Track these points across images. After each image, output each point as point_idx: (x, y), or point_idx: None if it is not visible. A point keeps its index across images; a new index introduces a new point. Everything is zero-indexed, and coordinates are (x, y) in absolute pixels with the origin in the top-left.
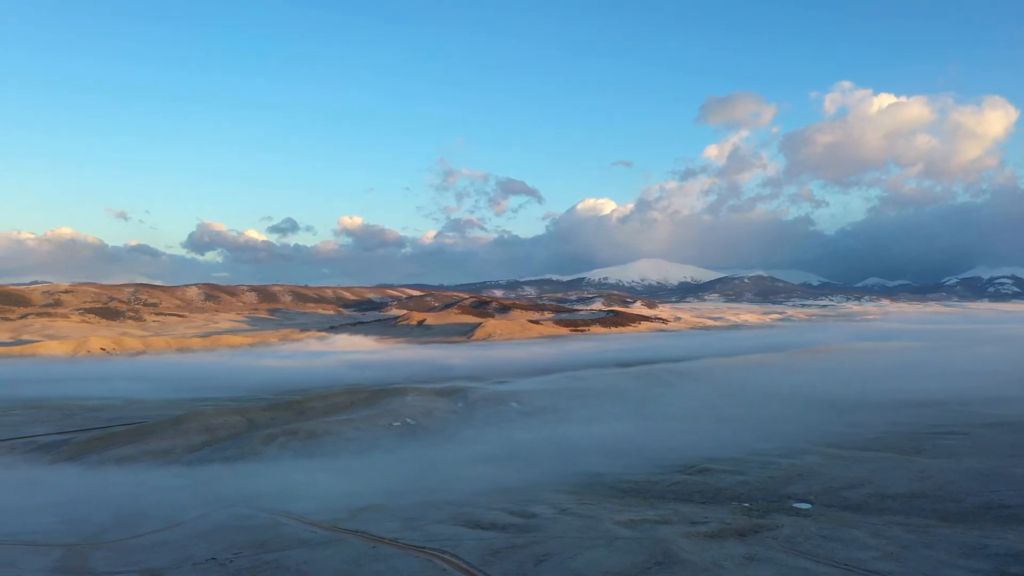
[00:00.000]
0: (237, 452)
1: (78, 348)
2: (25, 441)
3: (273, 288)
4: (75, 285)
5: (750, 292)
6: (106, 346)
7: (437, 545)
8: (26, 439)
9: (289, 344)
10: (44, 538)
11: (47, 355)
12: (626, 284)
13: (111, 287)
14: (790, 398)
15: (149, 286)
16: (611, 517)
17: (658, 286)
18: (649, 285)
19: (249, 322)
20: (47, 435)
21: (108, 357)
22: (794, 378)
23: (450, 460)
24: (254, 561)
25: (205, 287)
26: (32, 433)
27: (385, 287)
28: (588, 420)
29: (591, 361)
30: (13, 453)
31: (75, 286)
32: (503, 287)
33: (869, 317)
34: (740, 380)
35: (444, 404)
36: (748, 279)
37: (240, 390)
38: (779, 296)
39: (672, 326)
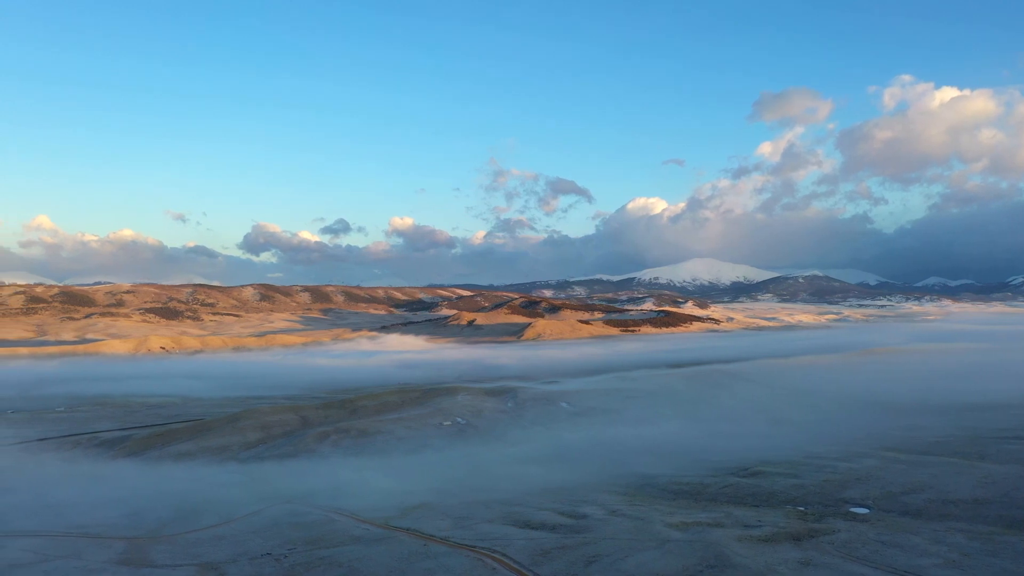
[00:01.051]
0: (291, 449)
1: (139, 347)
2: (89, 437)
3: (326, 288)
4: (136, 286)
5: (805, 292)
6: (165, 345)
7: (487, 544)
8: (90, 435)
9: (341, 344)
10: (107, 531)
11: (110, 353)
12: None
13: (170, 287)
14: (846, 400)
15: (206, 286)
16: (662, 519)
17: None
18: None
19: (303, 322)
20: (110, 431)
21: (167, 356)
22: (850, 380)
23: (499, 459)
24: (308, 557)
25: (260, 287)
26: (96, 429)
27: (435, 287)
28: (638, 421)
29: (641, 362)
30: (78, 448)
31: (136, 286)
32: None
33: (929, 318)
34: (794, 382)
35: (494, 403)
36: (803, 279)
37: (294, 388)
38: (835, 296)
39: (724, 327)
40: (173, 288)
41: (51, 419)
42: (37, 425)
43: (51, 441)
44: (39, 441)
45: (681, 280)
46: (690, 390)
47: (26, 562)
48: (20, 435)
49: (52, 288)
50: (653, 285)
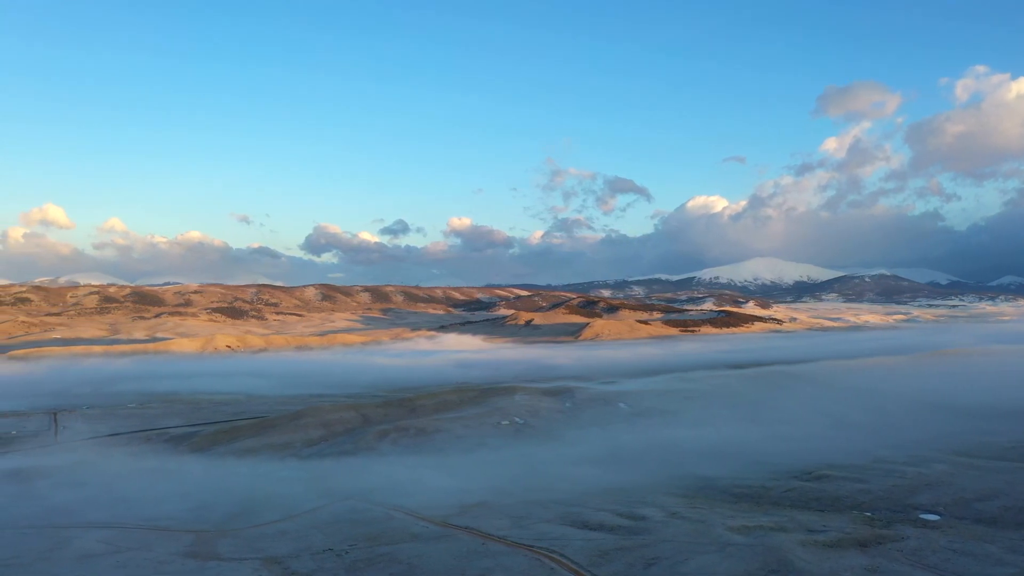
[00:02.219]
0: (351, 447)
1: (206, 345)
2: (159, 433)
3: (385, 288)
4: (203, 286)
5: (872, 292)
6: (231, 344)
7: (545, 544)
8: (160, 431)
9: (400, 343)
10: (176, 524)
11: (178, 352)
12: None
13: (235, 288)
14: (915, 403)
15: (270, 287)
16: (723, 522)
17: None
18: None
19: (363, 321)
20: (178, 427)
21: (232, 354)
22: (919, 382)
23: (556, 459)
24: (368, 553)
25: (322, 287)
26: (165, 425)
27: (493, 287)
28: (697, 422)
29: (701, 362)
30: (149, 443)
31: (203, 287)
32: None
33: (1004, 318)
34: (860, 384)
35: (552, 403)
36: (869, 278)
37: (354, 387)
38: (903, 296)
39: (787, 327)
40: (238, 288)
41: (123, 415)
42: (110, 421)
43: (123, 436)
44: (112, 436)
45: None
46: (750, 391)
47: (100, 553)
48: (94, 430)
49: (124, 288)
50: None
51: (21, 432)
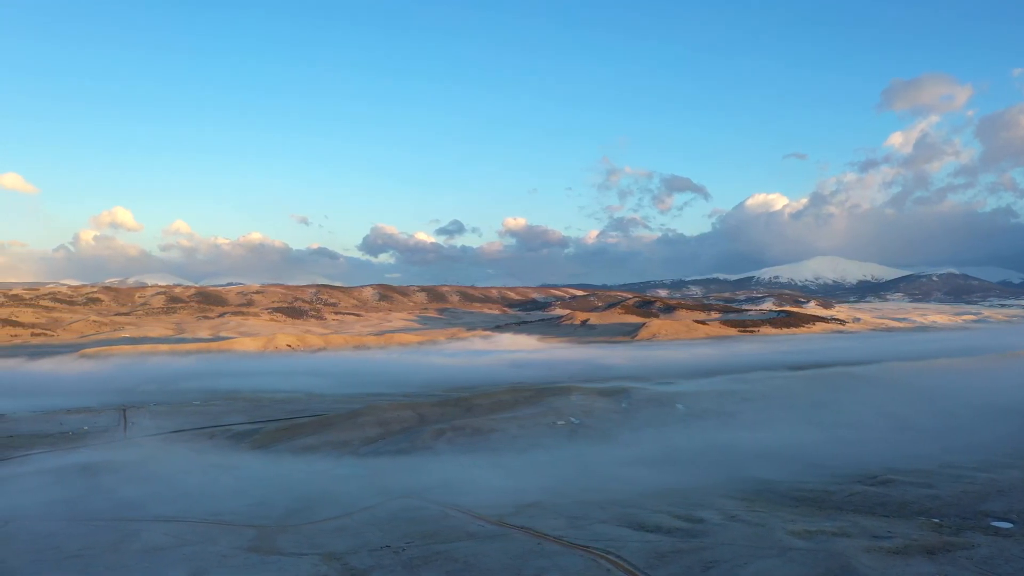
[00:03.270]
0: (408, 445)
1: (267, 344)
2: (222, 429)
3: (441, 288)
4: (264, 286)
5: (939, 291)
6: (291, 343)
7: (602, 545)
8: (223, 428)
9: (456, 342)
10: (238, 519)
11: (240, 350)
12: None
13: (295, 288)
14: (985, 407)
15: (329, 287)
16: (783, 526)
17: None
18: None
19: (419, 321)
20: (241, 424)
21: (292, 353)
22: (990, 385)
23: (613, 460)
24: (425, 551)
25: (379, 288)
26: (229, 422)
27: (548, 287)
28: (756, 424)
29: (760, 363)
30: (213, 440)
31: (264, 287)
32: (668, 287)
33: None
34: (926, 386)
35: (608, 404)
36: (937, 277)
37: (411, 386)
38: (973, 296)
39: (850, 327)
40: (298, 288)
41: (188, 412)
42: (175, 417)
43: (187, 433)
44: (177, 433)
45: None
46: (810, 393)
47: (167, 546)
48: (160, 427)
49: (189, 289)
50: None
51: (92, 428)
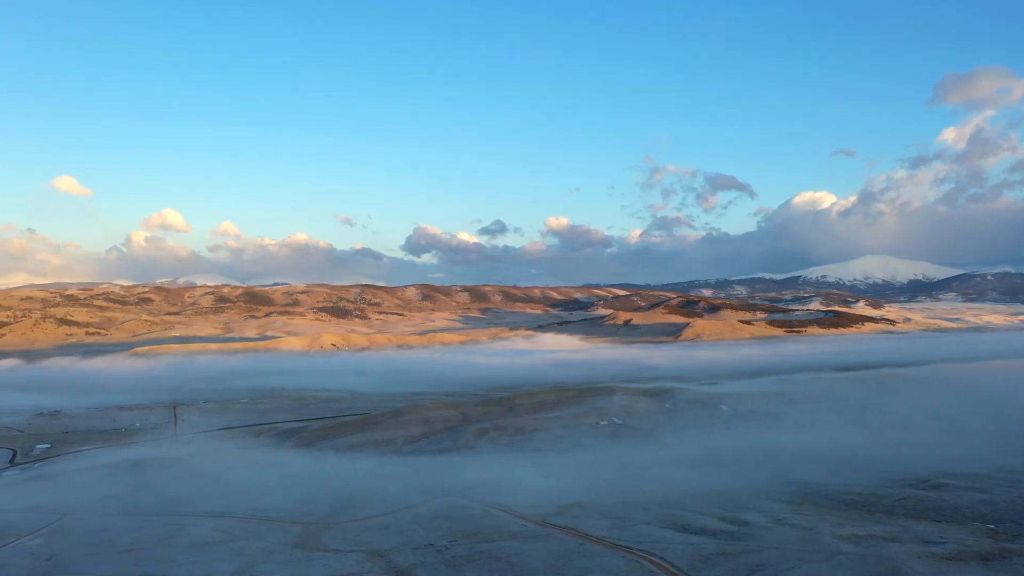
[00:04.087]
0: (451, 444)
1: (312, 344)
2: (269, 427)
3: (484, 288)
4: (310, 286)
5: (994, 291)
6: (336, 342)
7: (645, 547)
8: (270, 425)
9: (498, 342)
10: (284, 515)
11: (286, 349)
12: (847, 283)
13: (340, 288)
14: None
15: (373, 287)
16: (832, 530)
17: (884, 285)
18: (873, 284)
19: (462, 321)
20: (287, 422)
21: (337, 352)
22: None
23: (656, 461)
24: (467, 550)
25: (422, 287)
26: (275, 420)
27: (591, 287)
28: (802, 426)
29: (806, 364)
30: (260, 437)
31: (310, 287)
32: (712, 286)
33: None
34: (980, 388)
35: (651, 404)
36: (992, 276)
37: (453, 385)
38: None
39: (900, 328)
40: (342, 288)
41: (236, 410)
42: (224, 415)
43: (235, 430)
44: (225, 430)
45: (851, 279)
46: (858, 395)
47: (215, 540)
48: (209, 424)
49: (237, 289)
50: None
51: (144, 424)
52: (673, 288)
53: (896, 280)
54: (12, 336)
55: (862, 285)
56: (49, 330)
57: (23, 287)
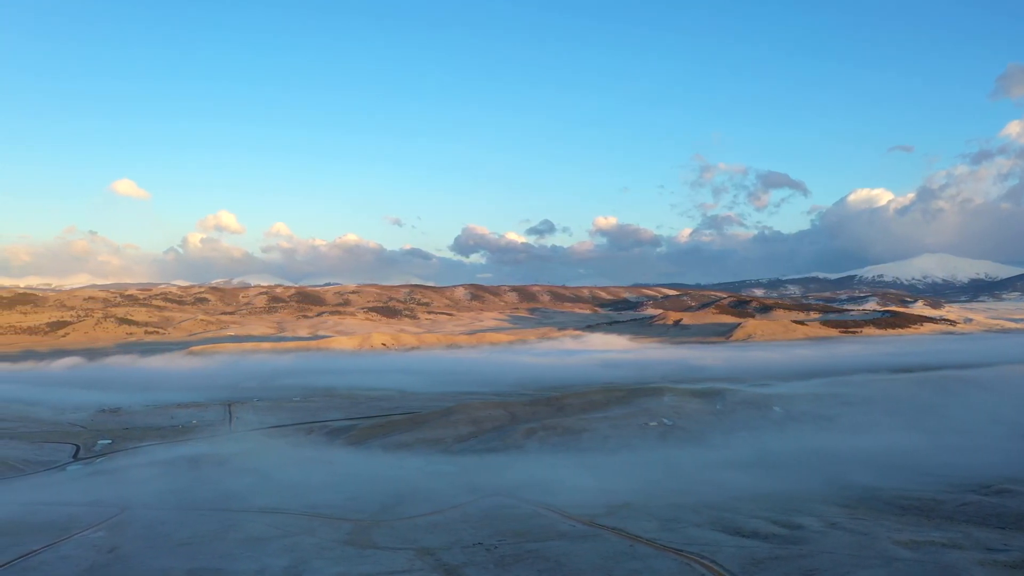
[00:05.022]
0: (499, 444)
1: (363, 343)
2: (321, 425)
3: (532, 288)
4: (360, 286)
5: None
6: (386, 341)
7: (695, 549)
8: (322, 423)
9: (546, 342)
10: (335, 512)
11: (337, 349)
12: (904, 282)
13: (390, 288)
14: None
15: (422, 287)
16: (889, 536)
17: (943, 284)
18: (932, 283)
19: (510, 320)
20: (338, 420)
21: (386, 351)
22: None
23: (706, 463)
24: (516, 549)
25: (471, 287)
26: (327, 418)
27: (640, 286)
28: (857, 429)
29: (862, 365)
30: (312, 435)
31: (360, 287)
32: (764, 286)
33: None
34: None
35: (701, 405)
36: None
37: (502, 385)
38: None
39: (961, 328)
40: (392, 288)
41: (288, 408)
42: (277, 413)
43: (288, 428)
44: (278, 427)
45: (909, 278)
46: (915, 397)
47: (269, 536)
48: (262, 421)
49: (289, 289)
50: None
51: (200, 421)
52: (724, 288)
53: (956, 279)
54: (75, 335)
55: (920, 285)
56: (110, 329)
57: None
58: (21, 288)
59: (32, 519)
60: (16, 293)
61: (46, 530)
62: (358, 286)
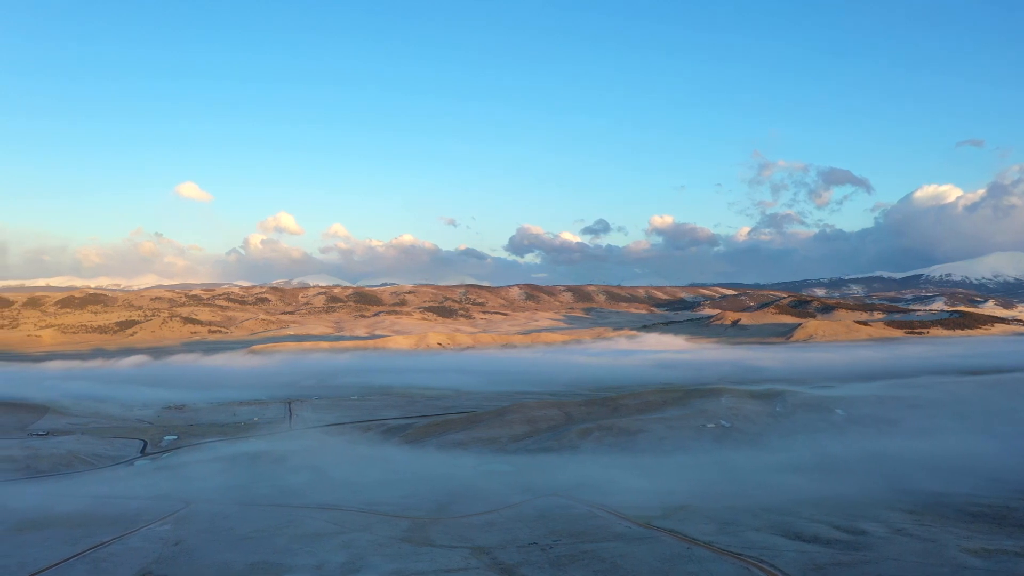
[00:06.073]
0: (555, 444)
1: (419, 343)
2: (379, 423)
3: (587, 288)
4: (416, 286)
5: None
6: (442, 341)
7: (754, 553)
8: (379, 422)
9: (601, 342)
10: (392, 509)
11: (394, 348)
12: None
13: (445, 288)
14: None
15: (477, 287)
16: (957, 543)
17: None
18: (1004, 282)
19: (565, 320)
20: (395, 419)
21: (442, 351)
22: None
23: (764, 466)
24: (572, 549)
25: (525, 287)
26: (383, 417)
27: (697, 286)
28: (922, 432)
29: (928, 367)
30: (369, 433)
31: (416, 287)
32: (825, 286)
33: None
34: None
35: (759, 407)
36: None
37: (556, 384)
38: None
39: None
40: (448, 288)
41: (346, 406)
42: (335, 411)
43: (346, 426)
44: (336, 425)
45: (979, 277)
46: (984, 400)
47: (328, 532)
48: (321, 419)
49: (347, 289)
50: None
51: (261, 419)
52: (783, 288)
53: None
54: (143, 334)
55: (991, 284)
56: (176, 328)
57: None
58: (92, 288)
59: (102, 512)
60: (87, 293)
61: (115, 523)
62: (414, 286)
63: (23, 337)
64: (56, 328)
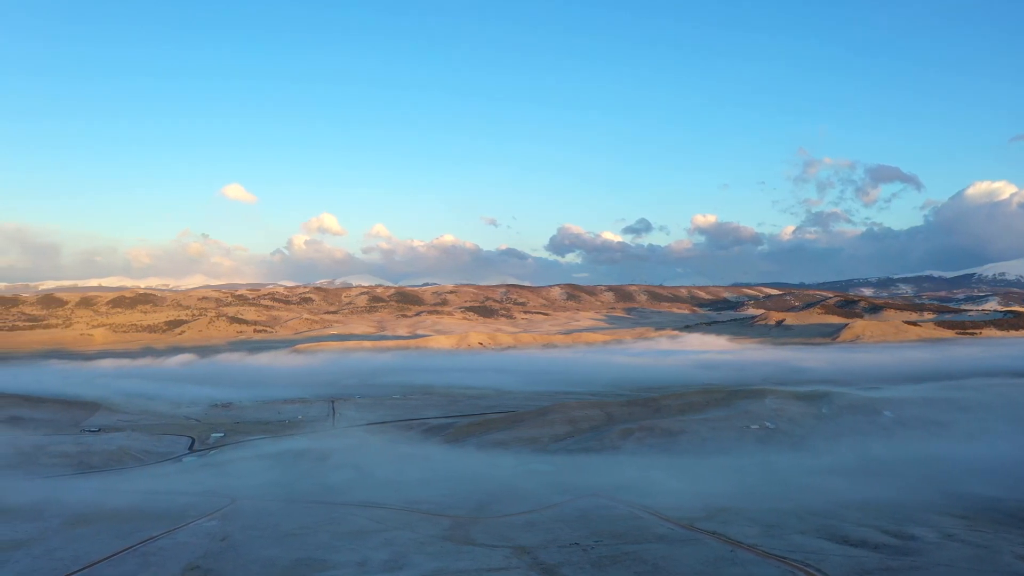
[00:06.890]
0: (596, 444)
1: (460, 342)
2: (420, 423)
3: (629, 288)
4: (457, 286)
5: None
6: (483, 341)
7: (800, 557)
8: (420, 421)
9: (643, 342)
10: (433, 508)
11: (435, 347)
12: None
13: (486, 288)
14: None
15: (518, 286)
16: (1012, 550)
17: None
18: None
19: (607, 320)
20: (436, 418)
21: (483, 350)
22: None
23: (809, 468)
24: (613, 550)
25: (567, 287)
26: (425, 416)
27: (741, 286)
28: (974, 436)
29: (980, 369)
30: (411, 432)
31: (457, 287)
32: (873, 285)
33: None
34: None
35: (805, 408)
36: None
37: (597, 385)
38: None
39: None
40: (489, 288)
41: (389, 405)
42: (377, 410)
43: (388, 424)
44: (379, 424)
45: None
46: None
47: (370, 530)
48: (364, 417)
49: (389, 289)
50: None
51: (305, 417)
52: (829, 287)
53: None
54: (191, 333)
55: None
56: (222, 327)
57: (200, 288)
58: (142, 289)
59: (151, 507)
60: (138, 293)
61: (164, 518)
62: (455, 286)
63: (76, 336)
64: (108, 327)
